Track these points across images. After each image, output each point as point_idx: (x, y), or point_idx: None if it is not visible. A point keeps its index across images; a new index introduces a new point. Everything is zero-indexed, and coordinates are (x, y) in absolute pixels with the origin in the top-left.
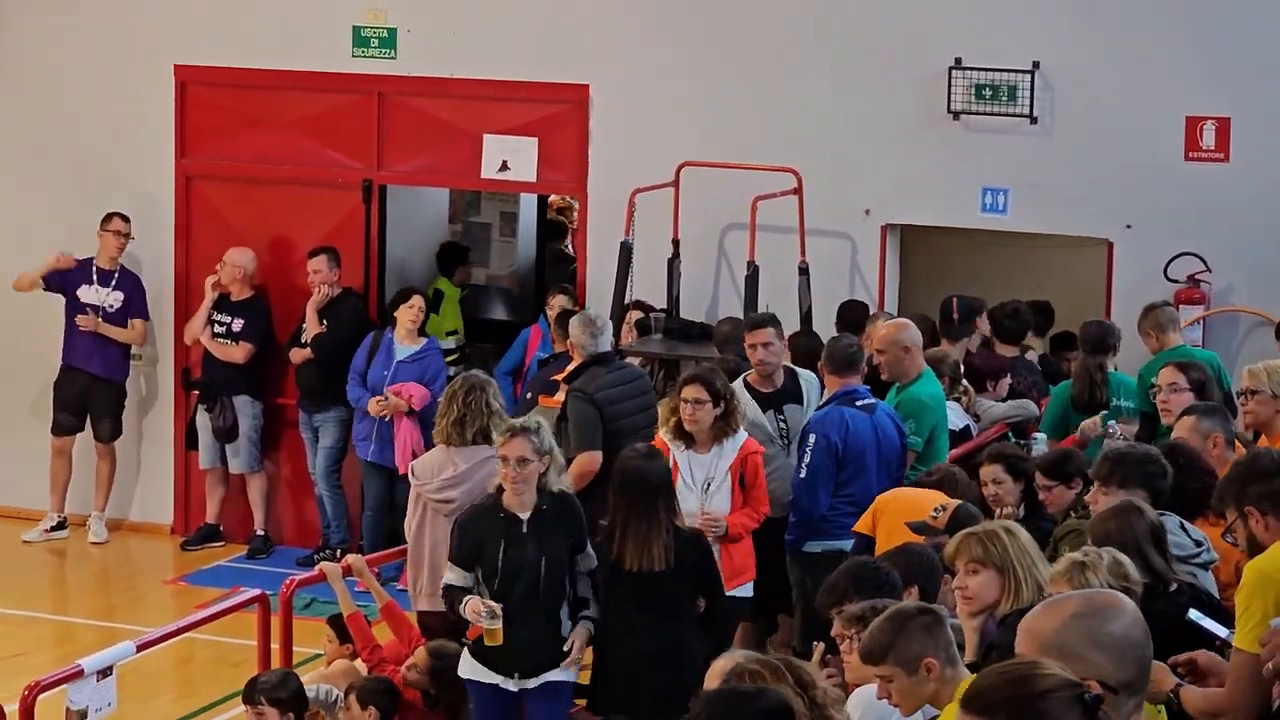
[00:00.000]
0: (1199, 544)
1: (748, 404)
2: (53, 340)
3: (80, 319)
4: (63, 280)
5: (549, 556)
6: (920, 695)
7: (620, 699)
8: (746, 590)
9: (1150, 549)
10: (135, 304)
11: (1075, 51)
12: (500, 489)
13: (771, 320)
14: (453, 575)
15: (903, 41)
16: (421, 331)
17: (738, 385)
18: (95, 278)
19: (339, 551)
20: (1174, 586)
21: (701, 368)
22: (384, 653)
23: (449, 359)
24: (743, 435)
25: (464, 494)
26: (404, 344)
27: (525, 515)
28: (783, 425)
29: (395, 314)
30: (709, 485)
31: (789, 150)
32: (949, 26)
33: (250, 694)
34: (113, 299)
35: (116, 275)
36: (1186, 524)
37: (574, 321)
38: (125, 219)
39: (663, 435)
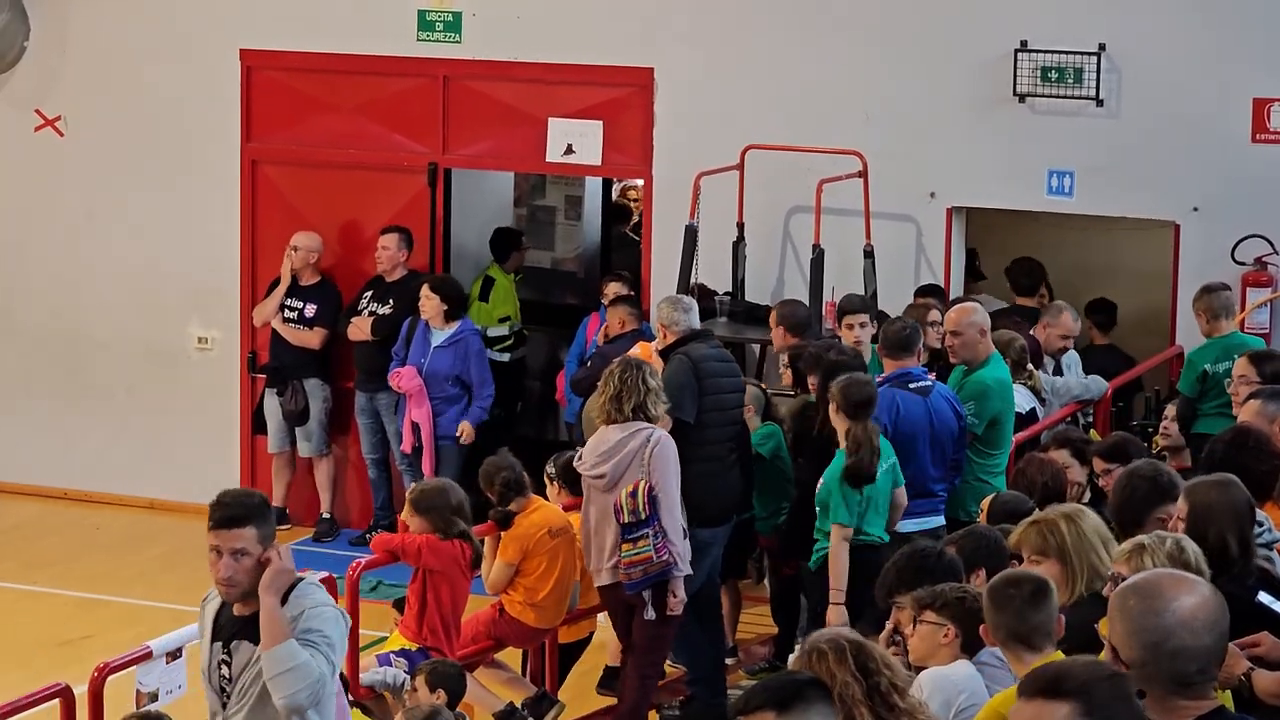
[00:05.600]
0: (1260, 524)
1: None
2: (90, 313)
3: None
4: None
5: None
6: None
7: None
8: None
9: (1248, 525)
10: None
11: (1141, 33)
12: None
13: (247, 516)
14: None
15: (968, 24)
16: (455, 315)
17: None
18: None
19: None
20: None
21: None
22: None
23: (503, 345)
24: None
25: (613, 469)
26: (437, 329)
27: None
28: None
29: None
30: None
31: (854, 133)
32: (1014, 9)
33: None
34: None
35: None
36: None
37: (663, 303)
38: None
39: None
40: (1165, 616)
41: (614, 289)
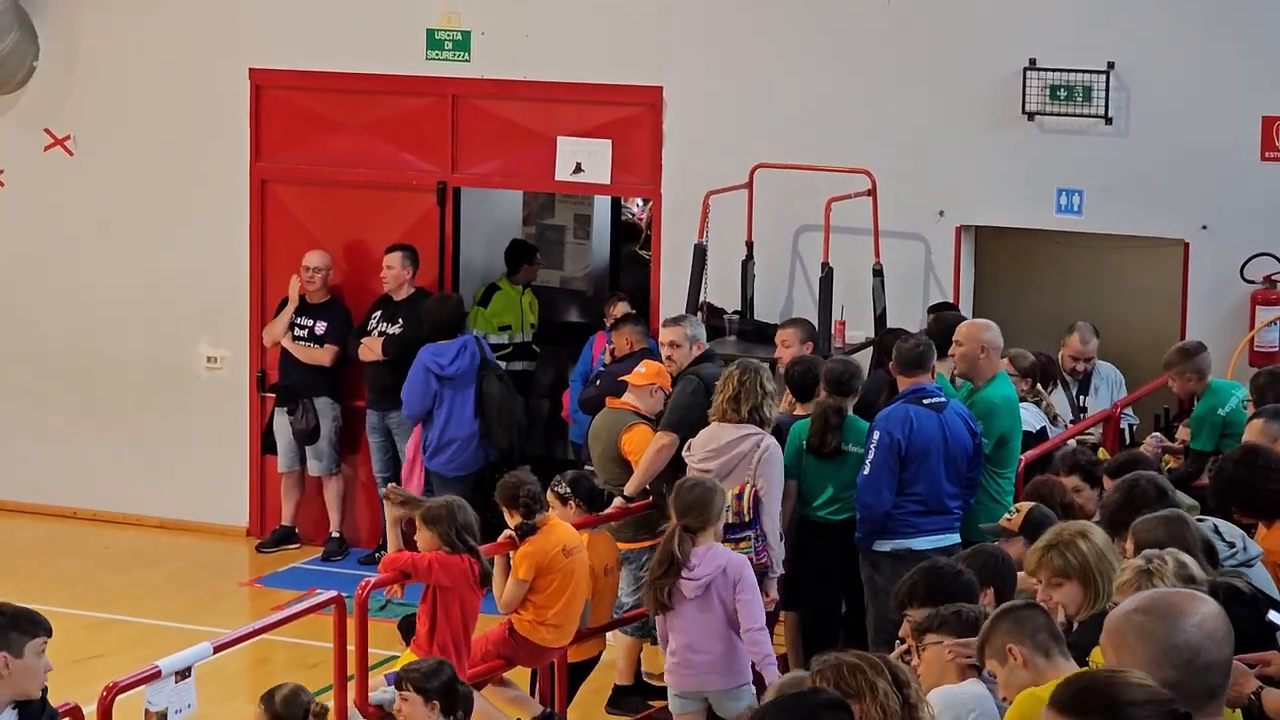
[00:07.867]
0: (1231, 545)
1: None
2: (100, 332)
3: None
4: None
5: None
6: (1016, 683)
7: None
8: None
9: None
10: None
11: (1150, 52)
12: None
13: None
14: None
15: (977, 42)
16: (437, 335)
17: None
18: None
19: None
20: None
21: None
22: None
23: (501, 353)
24: None
25: (719, 466)
26: None
27: None
28: None
29: None
30: None
31: (863, 152)
32: (1023, 27)
33: (398, 679)
34: None
35: None
36: (1220, 525)
37: (681, 322)
38: None
39: None
40: (1192, 632)
41: (619, 309)
